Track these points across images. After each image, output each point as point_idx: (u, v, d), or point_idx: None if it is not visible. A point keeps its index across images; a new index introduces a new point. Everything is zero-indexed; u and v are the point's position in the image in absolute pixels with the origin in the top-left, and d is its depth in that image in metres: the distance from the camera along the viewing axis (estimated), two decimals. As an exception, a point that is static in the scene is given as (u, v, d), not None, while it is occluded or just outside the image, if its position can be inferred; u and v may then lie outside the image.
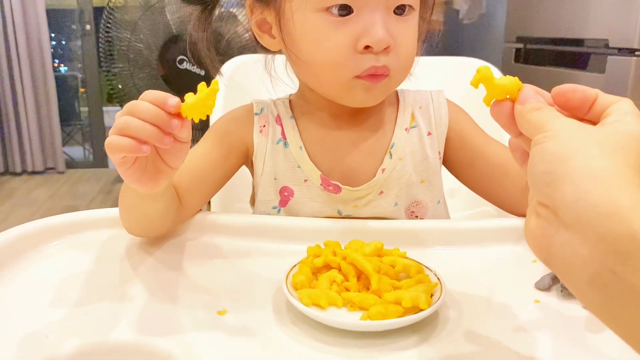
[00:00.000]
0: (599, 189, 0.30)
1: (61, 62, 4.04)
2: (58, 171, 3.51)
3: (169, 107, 0.46)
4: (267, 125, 0.70)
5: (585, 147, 0.32)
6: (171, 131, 0.46)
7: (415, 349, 0.43)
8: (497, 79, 0.39)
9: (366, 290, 0.49)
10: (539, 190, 0.34)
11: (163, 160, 0.50)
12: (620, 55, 1.57)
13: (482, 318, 0.47)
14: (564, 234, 0.31)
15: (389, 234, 0.61)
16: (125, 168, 0.48)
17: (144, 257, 0.58)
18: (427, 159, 0.70)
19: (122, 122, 0.46)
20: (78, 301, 0.49)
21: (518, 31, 2.14)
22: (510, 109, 0.39)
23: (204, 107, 0.45)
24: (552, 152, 0.33)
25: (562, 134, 0.34)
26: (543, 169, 0.33)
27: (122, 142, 0.46)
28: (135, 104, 0.47)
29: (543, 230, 0.33)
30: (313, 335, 0.45)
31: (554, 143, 0.33)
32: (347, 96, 0.63)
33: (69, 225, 0.62)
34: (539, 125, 0.35)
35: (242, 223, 0.64)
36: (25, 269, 0.55)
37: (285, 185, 0.69)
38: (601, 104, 0.37)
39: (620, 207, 0.29)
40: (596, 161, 0.31)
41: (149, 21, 2.18)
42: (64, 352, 0.42)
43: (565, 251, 0.32)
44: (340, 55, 0.58)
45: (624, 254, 0.29)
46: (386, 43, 0.57)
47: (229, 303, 0.49)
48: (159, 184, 0.51)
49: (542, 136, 0.34)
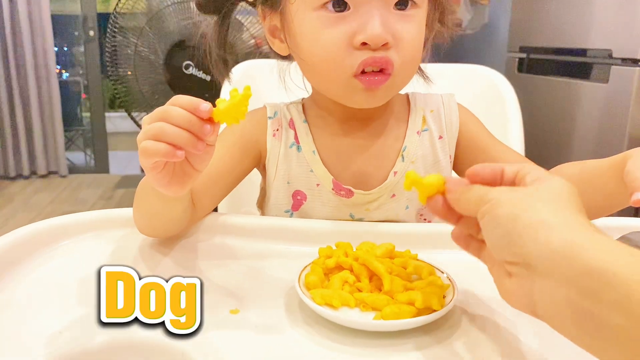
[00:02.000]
0: (554, 235, 0.33)
1: (63, 68, 4.05)
2: (61, 175, 3.51)
3: (202, 112, 0.46)
4: (280, 129, 0.70)
5: (528, 203, 0.36)
6: (204, 137, 0.46)
7: (427, 349, 0.43)
8: (424, 179, 0.43)
9: (378, 291, 0.50)
10: (503, 253, 0.36)
11: (190, 164, 0.50)
12: (624, 65, 1.58)
13: (494, 320, 0.48)
14: (541, 283, 0.34)
15: (400, 237, 0.61)
16: (156, 172, 0.48)
17: (156, 257, 0.58)
18: (439, 162, 0.70)
19: (157, 127, 0.46)
20: (91, 299, 0.49)
21: (521, 41, 2.15)
22: (442, 202, 0.43)
23: (237, 113, 0.46)
24: (502, 215, 0.36)
25: (503, 198, 0.37)
26: (500, 233, 0.36)
27: (158, 147, 0.46)
28: (168, 109, 0.47)
29: (520, 286, 0.35)
30: (326, 335, 0.45)
31: (500, 208, 0.37)
32: (348, 97, 0.63)
33: (80, 224, 0.63)
34: (478, 199, 0.39)
35: (253, 225, 0.64)
36: (36, 267, 0.55)
37: (298, 189, 0.69)
38: (509, 172, 0.41)
39: (576, 246, 0.32)
40: (543, 213, 0.34)
41: (156, 27, 2.19)
42: (78, 349, 0.42)
43: (545, 298, 0.34)
44: (336, 51, 0.58)
45: (591, 291, 0.31)
46: (383, 39, 0.56)
47: (242, 302, 0.49)
48: (185, 187, 0.51)
49: (487, 207, 0.37)
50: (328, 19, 0.58)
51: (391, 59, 0.58)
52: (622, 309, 0.29)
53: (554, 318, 0.34)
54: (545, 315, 0.35)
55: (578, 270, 0.31)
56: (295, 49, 0.64)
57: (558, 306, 0.33)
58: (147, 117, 0.48)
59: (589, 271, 0.31)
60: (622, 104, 1.57)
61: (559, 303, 0.32)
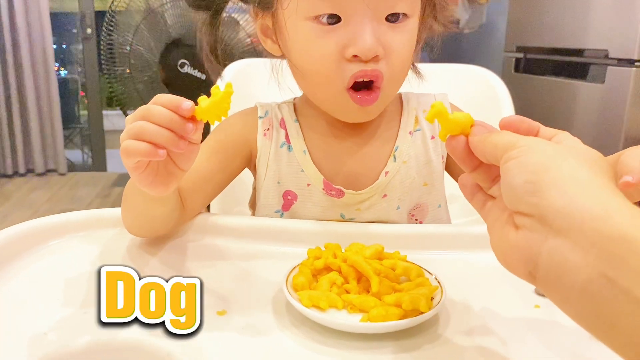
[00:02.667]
0: (587, 193, 0.31)
1: (61, 66, 4.05)
2: (60, 173, 3.51)
3: (183, 110, 0.45)
4: (271, 129, 0.70)
5: (563, 158, 0.33)
6: (186, 135, 0.46)
7: (415, 352, 0.43)
8: (451, 115, 0.40)
9: (366, 293, 0.49)
10: (519, 201, 0.34)
11: (174, 163, 0.50)
12: (620, 65, 1.58)
13: (482, 322, 0.47)
14: (554, 241, 0.31)
15: (390, 238, 0.61)
16: (139, 172, 0.48)
17: (145, 257, 0.58)
18: (431, 162, 0.70)
19: (138, 127, 0.46)
20: (78, 300, 0.49)
21: (518, 41, 2.15)
22: (465, 144, 0.40)
23: (219, 110, 0.45)
24: (533, 162, 0.34)
25: (536, 147, 0.35)
26: (525, 179, 0.33)
27: (139, 146, 0.46)
28: (149, 108, 0.46)
29: (527, 241, 0.33)
30: (313, 337, 0.44)
31: (531, 155, 0.34)
32: (340, 112, 0.64)
33: (69, 224, 0.62)
34: (508, 144, 0.36)
35: (243, 225, 0.63)
36: (25, 267, 0.55)
37: (288, 189, 0.69)
38: (544, 135, 0.39)
39: (609, 209, 0.30)
40: (577, 170, 0.32)
41: (151, 25, 2.19)
42: (63, 351, 0.42)
43: (555, 259, 0.31)
44: (328, 63, 0.58)
45: (616, 257, 0.29)
46: (374, 52, 0.57)
47: (229, 304, 0.49)
48: (169, 187, 0.51)
49: (516, 151, 0.35)
50: (320, 30, 0.58)
51: (381, 72, 0.59)
52: None
53: (557, 283, 0.31)
54: (548, 279, 0.32)
55: (604, 233, 0.29)
56: (287, 53, 0.64)
57: (568, 270, 0.30)
58: (129, 116, 0.48)
59: (616, 236, 0.29)
60: (618, 104, 1.57)
61: (569, 266, 0.30)
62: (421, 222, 0.72)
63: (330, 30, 0.58)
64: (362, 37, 0.56)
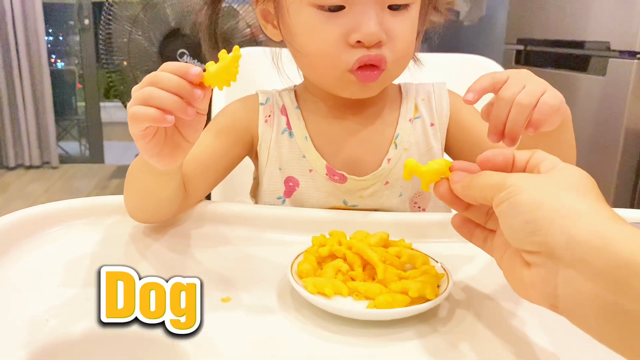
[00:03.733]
0: (583, 226, 0.31)
1: (58, 57, 4.02)
2: (52, 166, 3.49)
3: (192, 76, 0.45)
4: (272, 116, 0.70)
5: (553, 191, 0.34)
6: (194, 102, 0.46)
7: (421, 339, 0.43)
8: (425, 166, 0.41)
9: (371, 280, 0.49)
10: (524, 241, 0.34)
11: (181, 134, 0.49)
12: (622, 57, 1.57)
13: (488, 310, 0.47)
14: (565, 273, 0.32)
15: (394, 226, 0.60)
16: (146, 141, 0.47)
17: (148, 243, 0.57)
18: (432, 149, 0.70)
19: (146, 92, 0.45)
20: (79, 286, 0.48)
21: (519, 33, 2.14)
22: (449, 187, 0.41)
23: (227, 75, 0.45)
24: (525, 202, 0.34)
25: (525, 185, 0.35)
26: (522, 220, 0.34)
27: (147, 112, 0.45)
28: (157, 74, 0.46)
29: (541, 276, 0.34)
30: (318, 324, 0.44)
31: (523, 194, 0.34)
32: (342, 90, 0.64)
33: (71, 211, 0.62)
34: (496, 185, 0.36)
35: (245, 212, 0.63)
36: (26, 254, 0.54)
37: (290, 176, 0.69)
38: (520, 159, 0.40)
39: (607, 238, 0.30)
40: (569, 201, 0.33)
41: (150, 14, 2.17)
42: (65, 337, 0.41)
43: (570, 290, 0.32)
44: (332, 48, 0.59)
45: (622, 283, 0.29)
46: (377, 38, 0.58)
47: (234, 291, 0.49)
48: (176, 159, 0.51)
49: (505, 193, 0.35)
50: (323, 16, 0.59)
51: (385, 57, 0.59)
52: None
53: (577, 312, 0.32)
54: (568, 309, 0.33)
55: (607, 262, 0.30)
56: (289, 39, 0.64)
57: (583, 299, 0.31)
58: (136, 85, 0.47)
59: (619, 263, 0.29)
60: (619, 96, 1.57)
61: (584, 296, 0.31)
62: (424, 210, 0.71)
63: (334, 16, 0.58)
64: (365, 23, 0.57)
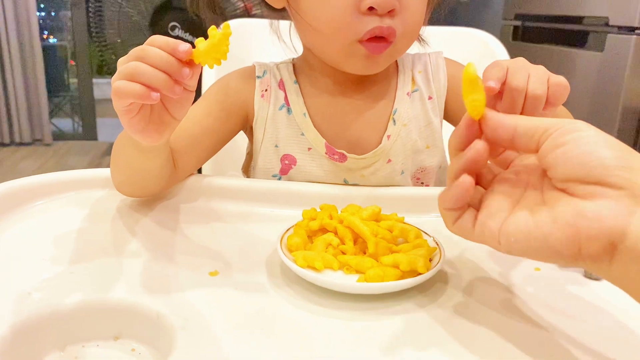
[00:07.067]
0: None
1: (50, 33, 3.95)
2: (45, 143, 3.46)
3: (181, 53, 0.43)
4: (269, 90, 0.68)
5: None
6: (182, 80, 0.44)
7: (413, 313, 0.42)
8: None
9: (363, 254, 0.48)
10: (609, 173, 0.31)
11: (167, 111, 0.47)
12: (620, 33, 1.55)
13: (480, 284, 0.46)
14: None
15: (389, 200, 0.59)
16: (130, 117, 0.45)
17: (136, 217, 0.56)
18: (431, 123, 0.68)
19: (132, 67, 0.43)
20: (64, 260, 0.47)
21: (517, 8, 2.11)
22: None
23: (217, 53, 0.43)
24: (610, 138, 0.32)
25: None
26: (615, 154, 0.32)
27: (132, 87, 0.43)
28: (144, 48, 0.44)
29: (613, 211, 0.31)
30: (308, 298, 0.43)
31: (591, 130, 0.33)
32: (348, 62, 0.61)
33: (58, 184, 0.60)
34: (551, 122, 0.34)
35: (238, 186, 0.62)
36: (9, 226, 0.53)
37: (287, 153, 0.67)
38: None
39: None
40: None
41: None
42: (47, 311, 0.40)
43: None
44: (344, 15, 0.56)
45: None
46: (391, 5, 0.56)
47: (222, 264, 0.48)
48: (162, 136, 0.49)
49: (569, 128, 0.33)
50: None
51: (395, 30, 0.57)
52: None
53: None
54: (636, 248, 0.30)
55: None
56: (296, 7, 0.61)
57: None
58: (122, 58, 0.45)
59: None
60: (617, 72, 1.55)
61: None
62: (428, 186, 0.70)
63: None
64: None
